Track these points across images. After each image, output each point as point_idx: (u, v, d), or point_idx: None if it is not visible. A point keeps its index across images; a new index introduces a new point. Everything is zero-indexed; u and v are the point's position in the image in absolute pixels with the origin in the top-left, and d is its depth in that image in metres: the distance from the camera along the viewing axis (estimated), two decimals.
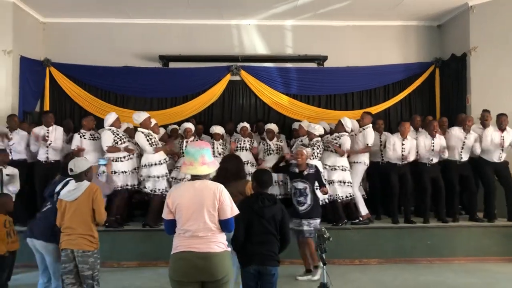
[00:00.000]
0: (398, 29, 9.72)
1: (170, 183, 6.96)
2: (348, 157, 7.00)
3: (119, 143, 6.73)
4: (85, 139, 6.93)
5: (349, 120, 7.06)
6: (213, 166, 3.40)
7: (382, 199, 7.55)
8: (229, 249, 3.36)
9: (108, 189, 5.16)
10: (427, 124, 7.49)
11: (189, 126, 7.54)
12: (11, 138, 7.00)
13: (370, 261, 6.64)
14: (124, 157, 6.73)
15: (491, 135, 7.04)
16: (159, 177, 6.74)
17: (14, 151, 7.04)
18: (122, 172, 6.60)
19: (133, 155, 6.83)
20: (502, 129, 7.06)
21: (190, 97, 9.39)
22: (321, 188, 5.75)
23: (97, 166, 5.73)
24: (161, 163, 6.80)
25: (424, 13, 9.19)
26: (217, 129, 7.67)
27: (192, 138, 7.37)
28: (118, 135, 6.81)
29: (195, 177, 3.34)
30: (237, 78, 9.46)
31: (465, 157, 7.13)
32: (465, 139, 7.08)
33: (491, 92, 8.14)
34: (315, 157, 6.62)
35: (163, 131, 7.90)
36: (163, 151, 6.92)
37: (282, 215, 3.77)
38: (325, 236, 3.88)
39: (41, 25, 9.42)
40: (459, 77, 8.83)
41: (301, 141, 7.25)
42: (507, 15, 8.12)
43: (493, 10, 8.27)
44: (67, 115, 9.17)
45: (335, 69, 9.46)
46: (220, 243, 3.28)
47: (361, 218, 6.91)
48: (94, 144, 6.97)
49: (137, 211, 7.70)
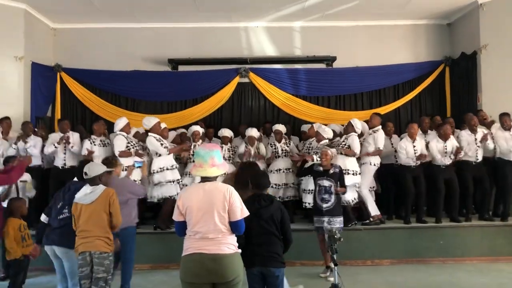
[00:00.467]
0: (407, 28, 9.67)
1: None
2: (358, 159, 6.98)
3: (131, 148, 6.77)
4: (95, 145, 6.97)
5: (359, 122, 7.03)
6: (222, 168, 3.42)
7: (394, 201, 7.52)
8: (239, 250, 3.37)
9: (143, 190, 5.29)
10: (436, 125, 7.43)
11: (197, 129, 7.49)
12: (27, 141, 7.04)
13: (382, 262, 6.60)
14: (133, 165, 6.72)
15: (504, 135, 6.97)
16: (173, 181, 6.74)
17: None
18: (133, 180, 6.57)
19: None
20: (508, 128, 7.01)
21: (199, 100, 9.43)
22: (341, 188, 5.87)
23: (132, 169, 5.81)
24: (173, 168, 6.82)
25: (434, 11, 9.13)
26: (226, 132, 7.64)
27: (200, 142, 7.36)
28: (131, 142, 6.86)
29: (205, 179, 3.36)
30: (246, 80, 9.48)
31: (480, 157, 7.05)
32: (475, 140, 7.01)
33: (502, 90, 8.06)
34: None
35: (173, 134, 7.92)
36: (178, 151, 6.93)
37: (281, 214, 3.75)
38: (336, 237, 3.88)
39: (51, 31, 9.53)
40: (469, 75, 8.75)
41: (310, 143, 7.24)
42: None
43: (503, 7, 8.20)
44: (78, 120, 9.26)
45: (344, 69, 9.43)
46: (230, 244, 3.29)
47: (372, 219, 6.87)
48: (104, 150, 7.01)
49: (148, 213, 7.73)
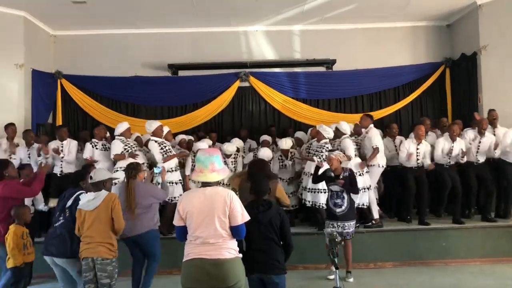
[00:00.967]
0: (407, 30, 9.70)
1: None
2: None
3: (128, 150, 6.76)
4: (97, 149, 6.99)
5: (346, 124, 7.00)
6: (223, 173, 3.42)
7: (397, 203, 7.51)
8: (240, 255, 3.36)
9: (165, 194, 5.38)
10: (442, 126, 7.42)
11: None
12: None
13: (384, 264, 6.57)
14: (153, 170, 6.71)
15: (506, 135, 6.94)
16: (176, 183, 6.72)
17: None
18: None
19: (142, 165, 6.77)
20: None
21: (200, 105, 9.47)
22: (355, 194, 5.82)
23: (151, 174, 5.84)
24: (173, 170, 6.82)
25: (433, 13, 9.15)
26: (230, 148, 7.36)
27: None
28: (128, 144, 6.85)
29: (205, 184, 3.36)
30: (246, 84, 9.51)
31: (481, 159, 7.04)
32: (480, 143, 6.99)
33: (503, 90, 8.06)
34: (322, 159, 6.60)
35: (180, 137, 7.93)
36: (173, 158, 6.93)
37: (280, 219, 3.71)
38: (336, 240, 3.86)
39: (51, 38, 9.57)
40: (470, 76, 8.75)
41: (311, 143, 7.21)
42: None
43: (502, 8, 8.21)
44: (80, 126, 9.29)
45: (344, 72, 9.45)
46: (231, 249, 3.29)
47: (374, 221, 6.85)
48: (105, 154, 7.01)
49: None
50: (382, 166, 6.95)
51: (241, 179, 4.69)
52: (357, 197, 6.11)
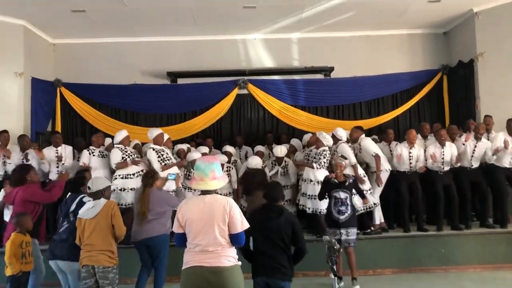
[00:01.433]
0: (404, 37, 9.77)
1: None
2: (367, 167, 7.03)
3: (127, 158, 6.77)
4: (94, 156, 6.99)
5: (342, 130, 7.03)
6: (223, 180, 3.43)
7: (395, 209, 7.49)
8: (239, 262, 3.37)
9: (179, 202, 5.31)
10: (435, 132, 7.44)
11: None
12: (29, 159, 7.04)
13: (384, 271, 6.56)
14: (134, 174, 6.73)
15: (500, 140, 6.97)
16: (131, 189, 6.65)
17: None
18: (131, 189, 6.57)
19: (142, 172, 6.80)
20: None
21: (198, 112, 9.49)
22: (365, 199, 5.96)
23: (164, 181, 5.95)
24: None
25: (430, 20, 9.22)
26: (222, 157, 7.35)
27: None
28: (126, 152, 6.85)
29: (205, 192, 3.37)
30: (244, 91, 9.55)
31: (475, 164, 7.06)
32: (475, 147, 7.01)
33: (500, 97, 8.12)
34: (321, 166, 6.63)
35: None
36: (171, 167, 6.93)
37: (291, 227, 3.74)
38: (335, 247, 3.87)
39: (51, 46, 9.61)
40: (467, 83, 8.81)
41: (310, 150, 7.23)
42: None
43: (498, 15, 8.28)
44: (79, 134, 9.30)
45: (342, 79, 9.50)
46: (230, 257, 3.29)
47: (373, 228, 6.85)
48: (102, 161, 7.02)
49: None
50: (388, 170, 6.94)
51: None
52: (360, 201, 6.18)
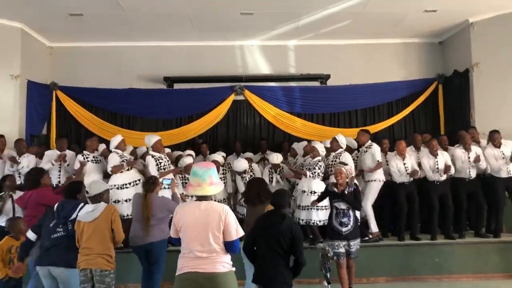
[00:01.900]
0: (400, 46, 9.82)
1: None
2: (363, 176, 7.03)
3: (124, 163, 6.75)
4: (88, 161, 6.96)
5: (343, 137, 7.04)
6: (219, 186, 3.44)
7: (390, 218, 7.52)
8: (233, 268, 3.37)
9: (176, 206, 5.32)
10: (426, 142, 7.50)
11: (190, 161, 7.19)
12: (19, 162, 7.05)
13: (378, 279, 6.56)
14: (130, 183, 6.68)
15: (493, 153, 7.01)
16: (127, 200, 6.58)
17: (23, 175, 6.97)
18: (125, 201, 6.50)
19: (139, 181, 6.72)
20: (497, 145, 7.03)
21: (195, 117, 9.48)
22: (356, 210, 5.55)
23: (161, 186, 5.98)
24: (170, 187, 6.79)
25: (425, 30, 9.28)
26: (217, 157, 7.41)
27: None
28: (123, 157, 6.83)
29: (201, 198, 3.37)
30: (241, 97, 9.56)
31: (473, 174, 7.09)
32: (469, 158, 7.04)
33: (494, 107, 8.17)
34: (315, 176, 6.63)
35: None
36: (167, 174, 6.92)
37: (292, 234, 3.75)
38: (329, 255, 3.88)
39: (48, 49, 9.60)
40: (462, 93, 8.86)
41: (304, 160, 7.26)
42: (507, 31, 8.19)
43: (493, 26, 8.35)
44: (74, 138, 9.26)
45: (338, 87, 9.53)
46: (225, 263, 3.30)
47: (371, 236, 6.85)
48: (96, 167, 6.99)
49: None
50: (382, 181, 6.97)
51: None
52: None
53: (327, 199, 5.70)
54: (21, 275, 4.74)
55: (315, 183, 6.58)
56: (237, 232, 3.30)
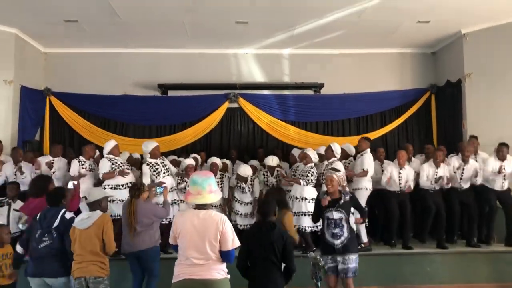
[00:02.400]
0: (394, 56, 9.91)
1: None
2: (350, 183, 7.03)
3: (115, 169, 6.73)
4: (83, 168, 6.94)
5: (339, 146, 7.08)
6: (219, 194, 3.49)
7: (382, 227, 7.55)
8: (229, 276, 3.43)
9: (166, 213, 5.47)
10: (427, 152, 7.54)
11: (191, 162, 7.30)
12: (24, 172, 6.97)
13: None
14: (123, 185, 6.70)
15: (492, 164, 7.05)
16: (172, 204, 6.69)
17: (22, 183, 6.80)
18: (120, 201, 6.53)
19: (131, 183, 6.77)
20: (502, 158, 7.03)
21: (188, 124, 9.49)
22: (359, 217, 5.30)
23: (154, 193, 6.03)
24: (171, 190, 6.79)
25: (419, 40, 9.37)
26: (215, 159, 7.51)
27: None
28: (116, 162, 6.81)
29: (200, 207, 3.42)
30: (235, 105, 9.58)
31: (465, 185, 7.14)
32: (463, 170, 7.09)
33: (486, 117, 8.24)
34: (308, 183, 6.66)
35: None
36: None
37: (283, 242, 3.78)
38: (320, 264, 3.89)
39: (42, 55, 9.59)
40: (454, 103, 8.94)
41: (297, 166, 7.29)
42: (499, 42, 8.29)
43: (486, 37, 8.45)
44: (67, 144, 9.20)
45: (331, 96, 9.59)
46: (221, 270, 3.36)
47: (363, 245, 6.86)
48: (90, 175, 7.00)
49: None
50: (368, 190, 7.00)
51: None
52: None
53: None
54: (14, 281, 4.73)
55: (307, 190, 6.63)
56: (233, 242, 3.35)
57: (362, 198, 6.96)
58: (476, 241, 7.17)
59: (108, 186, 6.63)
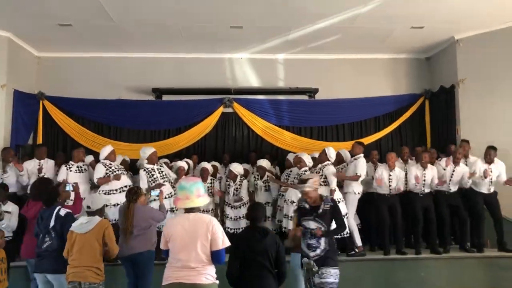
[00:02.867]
0: (388, 61, 9.95)
1: None
2: (341, 187, 7.02)
3: (110, 174, 6.71)
4: (71, 171, 6.94)
5: (333, 151, 7.05)
6: (207, 197, 3.61)
7: (376, 231, 7.52)
8: (217, 281, 3.47)
9: (163, 216, 5.48)
10: (417, 155, 7.55)
11: (182, 164, 7.42)
12: (7, 171, 6.98)
13: None
14: (117, 189, 6.68)
15: (479, 167, 7.07)
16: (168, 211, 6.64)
17: (8, 184, 6.90)
18: (114, 205, 6.51)
19: (125, 187, 6.74)
20: (489, 161, 7.08)
21: (183, 129, 9.47)
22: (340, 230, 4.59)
23: (148, 197, 6.05)
24: (169, 196, 6.77)
25: (413, 46, 9.42)
26: (206, 165, 7.56)
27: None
28: (111, 168, 6.79)
29: (189, 210, 3.50)
30: (229, 110, 9.58)
31: (453, 188, 7.15)
32: (453, 172, 7.10)
33: (479, 122, 8.28)
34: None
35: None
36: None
37: (276, 248, 3.78)
38: (313, 269, 3.87)
39: (35, 59, 9.54)
40: (448, 108, 8.98)
41: (291, 170, 7.30)
42: (492, 48, 8.35)
43: (479, 43, 8.50)
44: (60, 148, 9.18)
45: (326, 101, 9.60)
46: (209, 275, 3.41)
47: (357, 250, 6.84)
48: (80, 177, 6.97)
49: None
50: (358, 193, 6.99)
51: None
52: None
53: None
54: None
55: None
56: (223, 242, 3.43)
57: (352, 202, 6.99)
58: (470, 246, 7.17)
59: (102, 191, 6.61)
